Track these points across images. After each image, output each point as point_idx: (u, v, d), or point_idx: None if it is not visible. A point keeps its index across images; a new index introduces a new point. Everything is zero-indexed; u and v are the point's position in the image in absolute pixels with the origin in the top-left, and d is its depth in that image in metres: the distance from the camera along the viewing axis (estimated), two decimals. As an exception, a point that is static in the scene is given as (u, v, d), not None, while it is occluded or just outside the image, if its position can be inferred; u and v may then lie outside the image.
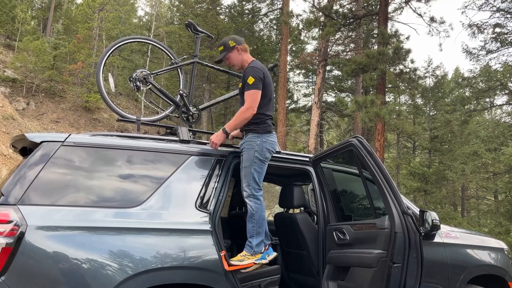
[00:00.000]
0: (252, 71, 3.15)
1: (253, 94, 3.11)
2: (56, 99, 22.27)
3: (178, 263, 2.76)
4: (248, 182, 3.14)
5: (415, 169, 19.20)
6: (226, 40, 3.34)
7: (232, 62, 3.37)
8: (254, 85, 3.10)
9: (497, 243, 4.57)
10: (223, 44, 3.34)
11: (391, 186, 2.74)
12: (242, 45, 3.34)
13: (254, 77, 3.11)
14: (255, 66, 3.20)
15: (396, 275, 2.61)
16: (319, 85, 17.40)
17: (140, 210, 2.81)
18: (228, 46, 3.31)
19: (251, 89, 3.10)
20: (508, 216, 15.52)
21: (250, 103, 3.09)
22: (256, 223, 3.13)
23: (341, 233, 3.18)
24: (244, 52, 3.36)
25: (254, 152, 3.15)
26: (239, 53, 3.33)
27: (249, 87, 3.11)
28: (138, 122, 3.44)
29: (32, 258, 2.43)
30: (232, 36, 3.41)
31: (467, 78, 16.84)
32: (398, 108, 15.87)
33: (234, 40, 3.33)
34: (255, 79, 3.10)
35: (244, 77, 3.19)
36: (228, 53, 3.33)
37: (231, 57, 3.34)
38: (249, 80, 3.11)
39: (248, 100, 3.10)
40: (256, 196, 3.13)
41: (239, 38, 3.39)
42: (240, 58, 3.34)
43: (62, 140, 2.80)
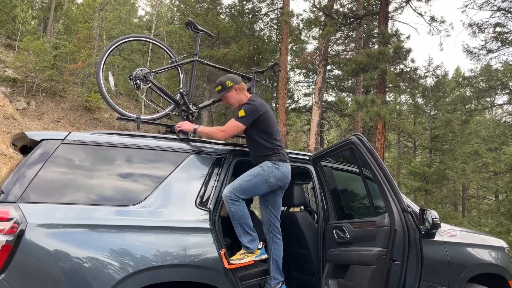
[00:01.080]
0: (247, 107, 3.23)
1: (235, 125, 3.23)
2: (56, 99, 22.28)
3: (178, 261, 2.77)
4: (233, 185, 3.14)
5: (416, 169, 19.19)
6: (223, 80, 3.39)
7: (230, 101, 3.42)
8: (241, 118, 3.21)
9: (497, 241, 4.56)
10: (221, 84, 3.38)
11: (391, 184, 2.74)
12: (239, 84, 3.39)
13: (245, 112, 3.20)
14: (252, 103, 3.28)
15: (396, 272, 2.61)
16: (320, 84, 17.39)
17: (140, 208, 2.81)
18: (225, 86, 3.36)
19: (237, 121, 3.21)
20: (509, 216, 15.50)
21: (227, 129, 3.23)
22: (238, 223, 3.20)
23: (341, 231, 3.18)
24: (241, 91, 3.41)
25: (260, 170, 3.22)
26: (236, 93, 3.38)
27: (236, 118, 3.23)
28: (138, 121, 3.44)
29: (32, 256, 2.43)
30: (229, 75, 3.45)
31: (467, 78, 16.82)
32: (398, 108, 15.87)
33: (232, 80, 3.38)
34: (246, 115, 3.20)
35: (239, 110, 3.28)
36: (226, 93, 3.37)
37: (229, 96, 3.39)
38: (240, 112, 3.21)
39: (228, 126, 3.24)
40: (232, 197, 3.12)
41: (237, 77, 3.44)
42: (238, 97, 3.39)
43: (62, 138, 2.80)
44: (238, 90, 3.38)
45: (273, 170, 3.22)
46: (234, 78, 3.41)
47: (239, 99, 3.39)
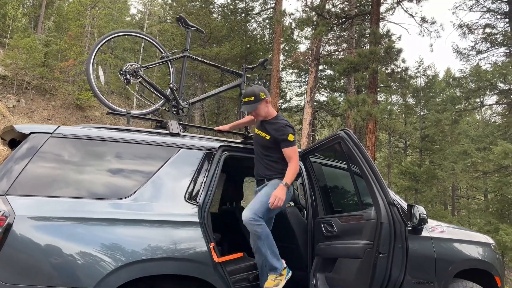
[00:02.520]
0: (290, 130, 3.27)
1: (296, 150, 3.27)
2: (47, 97, 22.10)
3: (167, 255, 2.78)
4: (254, 208, 3.17)
5: (406, 168, 19.35)
6: (256, 91, 3.34)
7: (259, 113, 3.38)
8: (294, 141, 3.27)
9: (484, 238, 4.63)
10: (254, 94, 3.32)
11: (377, 177, 2.78)
12: (269, 97, 3.40)
13: (293, 134, 3.26)
14: (290, 124, 3.33)
15: (382, 265, 2.65)
16: (312, 84, 17.45)
17: (129, 202, 2.82)
18: (258, 97, 3.31)
19: (294, 145, 3.25)
20: (498, 215, 15.70)
21: (297, 157, 3.24)
22: (266, 245, 3.17)
23: (329, 226, 3.21)
24: (270, 105, 3.41)
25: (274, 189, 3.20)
26: (266, 106, 3.36)
27: (291, 143, 3.24)
28: (128, 115, 3.44)
29: (20, 249, 2.43)
30: (260, 87, 3.41)
31: (457, 78, 16.99)
32: (389, 108, 15.97)
33: (264, 93, 3.35)
34: (294, 136, 3.27)
35: (280, 132, 3.25)
36: (258, 105, 3.33)
37: (260, 108, 3.35)
38: (290, 137, 3.23)
39: (295, 156, 3.23)
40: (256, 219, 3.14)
41: (266, 90, 3.42)
42: (266, 110, 3.37)
43: (51, 132, 2.80)
44: (268, 103, 3.37)
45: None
46: (265, 90, 3.39)
47: (267, 111, 3.38)
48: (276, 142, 3.27)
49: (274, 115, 3.40)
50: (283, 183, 3.14)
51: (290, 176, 3.19)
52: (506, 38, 15.44)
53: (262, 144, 3.40)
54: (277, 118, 3.36)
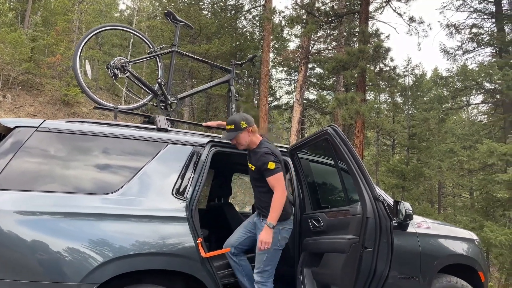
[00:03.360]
0: (270, 158, 3.11)
1: (279, 177, 3.10)
2: (33, 92, 21.80)
3: (154, 250, 2.78)
4: (260, 268, 3.16)
5: (394, 166, 19.53)
6: (237, 119, 3.24)
7: (240, 142, 3.27)
8: (277, 168, 3.09)
9: (468, 234, 4.70)
10: (234, 123, 3.23)
11: (363, 173, 2.81)
12: (252, 126, 3.26)
13: (274, 162, 3.09)
14: (270, 151, 3.16)
15: (367, 259, 2.68)
16: (301, 82, 17.50)
17: (116, 197, 2.81)
18: (239, 126, 3.21)
19: (276, 173, 3.08)
20: (482, 212, 15.95)
21: (281, 186, 3.07)
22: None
23: (316, 221, 3.24)
24: (253, 134, 3.28)
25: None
26: (248, 135, 3.25)
27: (273, 172, 3.08)
28: (115, 110, 3.42)
29: (5, 243, 2.41)
30: (243, 115, 3.31)
31: (444, 78, 17.21)
32: (378, 106, 16.12)
33: (246, 121, 3.23)
34: (275, 163, 3.10)
35: (260, 162, 3.14)
36: (238, 133, 3.23)
37: (241, 137, 3.25)
38: (270, 165, 3.08)
39: (277, 184, 3.08)
40: (264, 283, 3.15)
41: (250, 118, 3.29)
42: (249, 139, 3.26)
43: (36, 126, 2.77)
44: (250, 132, 3.25)
45: (280, 234, 3.15)
46: (248, 118, 3.26)
47: (249, 140, 3.27)
48: (260, 172, 3.17)
49: (257, 143, 3.28)
50: (268, 224, 3.03)
51: (273, 214, 3.04)
52: (492, 38, 15.68)
53: (251, 176, 3.36)
54: (260, 147, 3.24)
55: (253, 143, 3.27)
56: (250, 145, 3.28)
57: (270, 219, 3.02)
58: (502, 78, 13.67)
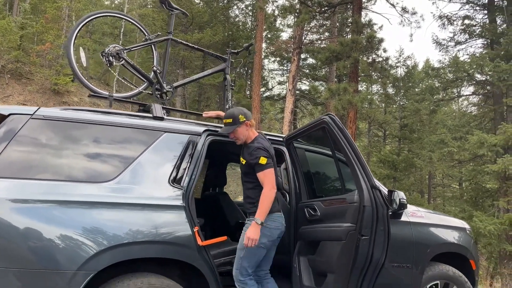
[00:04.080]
0: (262, 152, 3.06)
1: (269, 173, 3.04)
2: (23, 81, 21.47)
3: (151, 238, 2.78)
4: (237, 265, 3.10)
5: (385, 157, 19.69)
6: (236, 113, 3.19)
7: (237, 136, 3.23)
8: (268, 164, 3.04)
9: (460, 223, 4.78)
10: (232, 116, 3.18)
11: (361, 161, 2.83)
12: (250, 120, 3.22)
13: (265, 157, 3.04)
14: (262, 147, 3.10)
15: (364, 247, 2.71)
16: (294, 72, 17.46)
17: (113, 185, 2.80)
18: (237, 120, 3.16)
19: (266, 169, 3.03)
20: (472, 202, 16.19)
21: (271, 183, 3.01)
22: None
23: (312, 210, 3.26)
24: (251, 128, 3.24)
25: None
26: (246, 129, 3.21)
27: (263, 167, 3.03)
28: (110, 98, 3.39)
29: (1, 232, 2.39)
30: (241, 109, 3.27)
31: (436, 69, 17.30)
32: (370, 97, 16.15)
33: (244, 115, 3.19)
34: (267, 158, 3.04)
35: (252, 157, 3.08)
36: (236, 127, 3.18)
37: (239, 131, 3.20)
38: (261, 160, 3.02)
39: (266, 180, 3.02)
40: (242, 280, 3.08)
41: (248, 112, 3.25)
42: (246, 133, 3.22)
43: (31, 113, 2.74)
44: (248, 126, 3.21)
45: (263, 231, 3.02)
46: (246, 113, 3.22)
47: (247, 135, 3.23)
48: (250, 167, 3.12)
49: (253, 138, 3.24)
50: (255, 220, 2.95)
51: (261, 209, 2.96)
52: (484, 30, 15.76)
53: (241, 170, 3.29)
54: (253, 141, 3.19)
55: (249, 138, 3.23)
56: (246, 140, 3.24)
57: (258, 214, 2.95)
58: (493, 69, 13.77)
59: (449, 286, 4.28)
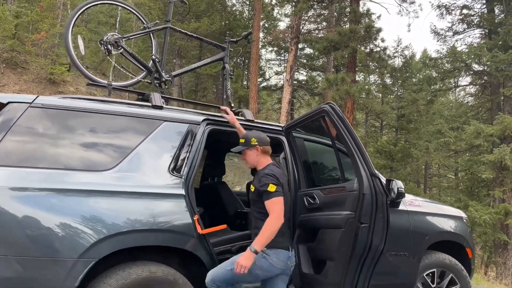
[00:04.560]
0: (271, 179, 2.84)
1: (278, 202, 2.79)
2: (18, 70, 21.29)
3: (151, 226, 2.80)
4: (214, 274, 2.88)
5: (382, 147, 19.75)
6: (250, 135, 3.07)
7: (246, 159, 3.10)
8: (276, 192, 2.80)
9: (457, 212, 4.82)
10: (246, 137, 3.07)
11: (361, 150, 2.84)
12: (263, 147, 3.03)
13: (274, 184, 2.81)
14: (272, 173, 2.88)
15: (363, 234, 2.73)
16: (291, 62, 17.39)
17: (113, 173, 2.80)
18: (249, 142, 3.03)
19: (275, 197, 2.79)
20: (467, 192, 16.32)
21: (277, 212, 2.76)
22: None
23: (311, 198, 3.27)
24: (263, 154, 3.04)
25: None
26: (257, 154, 3.03)
27: (271, 195, 2.79)
28: (109, 87, 3.37)
29: (2, 220, 2.39)
30: (258, 133, 3.13)
31: (434, 59, 17.28)
32: (367, 87, 16.13)
33: (258, 139, 3.03)
34: (276, 186, 2.81)
35: (260, 183, 2.88)
36: (246, 150, 3.05)
37: (248, 154, 3.06)
38: (270, 188, 2.79)
39: (274, 209, 2.77)
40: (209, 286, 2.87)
41: (264, 138, 3.08)
42: (256, 159, 3.04)
43: (30, 102, 2.73)
44: (259, 152, 3.02)
45: (260, 259, 2.79)
46: (261, 138, 3.06)
47: (257, 160, 3.05)
48: (259, 194, 2.90)
49: (265, 165, 3.03)
50: (250, 247, 2.72)
51: (260, 238, 2.71)
52: (482, 20, 15.72)
53: (250, 198, 3.08)
54: (265, 168, 2.99)
55: (261, 164, 3.04)
56: (258, 166, 3.06)
57: (255, 242, 2.72)
58: (491, 60, 13.78)
59: (446, 274, 4.34)
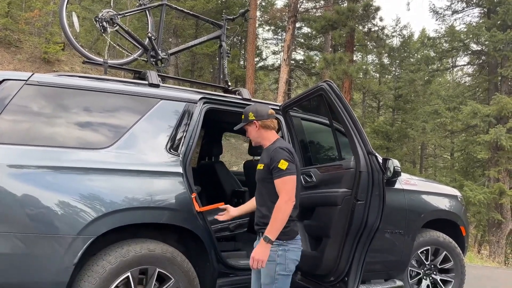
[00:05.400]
0: (282, 154, 2.52)
1: (289, 181, 2.48)
2: (12, 50, 20.99)
3: (149, 204, 2.82)
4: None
5: (379, 128, 19.81)
6: (248, 110, 2.76)
7: (249, 136, 2.81)
8: (288, 170, 2.47)
9: (452, 190, 4.87)
10: (244, 113, 2.77)
11: (358, 128, 2.84)
12: (262, 121, 2.69)
13: (287, 161, 2.49)
14: (286, 148, 2.57)
15: (359, 211, 2.76)
16: (289, 42, 17.21)
17: (110, 151, 2.80)
18: (247, 117, 2.73)
19: (286, 175, 2.46)
20: (463, 172, 16.46)
21: (288, 193, 2.46)
22: None
23: (308, 176, 3.29)
24: (265, 130, 2.70)
25: (276, 266, 2.50)
26: (256, 130, 2.71)
27: (282, 173, 2.47)
28: (105, 65, 3.34)
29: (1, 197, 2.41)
30: (256, 106, 2.79)
31: (432, 38, 17.16)
32: (365, 67, 16.05)
33: (255, 113, 2.70)
34: (289, 163, 2.49)
35: (270, 159, 2.56)
36: (245, 125, 2.77)
37: (249, 130, 2.77)
38: (281, 164, 2.47)
39: (284, 189, 2.46)
40: None
41: (264, 111, 2.72)
42: (257, 135, 2.73)
43: (25, 79, 2.71)
44: (258, 127, 2.70)
45: (287, 255, 2.53)
46: (258, 111, 2.72)
47: (259, 136, 2.73)
48: (268, 171, 2.57)
49: (272, 141, 2.70)
50: (264, 237, 2.45)
51: (273, 225, 2.43)
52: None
53: (256, 177, 2.74)
54: (274, 143, 2.67)
55: (267, 140, 2.71)
56: (263, 143, 2.74)
57: (268, 231, 2.43)
58: (489, 39, 13.69)
59: (440, 252, 4.42)
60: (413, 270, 4.34)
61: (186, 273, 2.90)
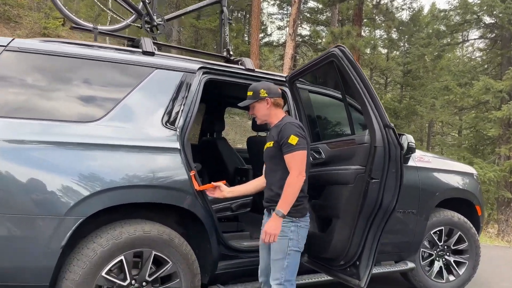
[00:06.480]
0: (292, 129, 2.49)
1: (300, 155, 2.46)
2: (11, 25, 20.62)
3: (144, 182, 2.60)
4: (281, 275, 2.54)
5: (387, 104, 19.41)
6: (259, 86, 2.67)
7: (256, 114, 2.71)
8: (298, 145, 2.45)
9: (467, 168, 4.64)
10: (253, 89, 2.67)
11: (373, 98, 2.56)
12: (274, 99, 2.65)
13: (297, 136, 2.46)
14: (296, 123, 2.56)
15: (373, 191, 2.51)
16: (294, 15, 16.66)
17: (99, 125, 2.57)
18: (257, 94, 2.64)
19: (296, 150, 2.44)
20: (472, 150, 16.14)
21: (299, 168, 2.43)
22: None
23: (317, 153, 3.03)
24: (275, 107, 2.67)
25: (288, 242, 2.50)
26: (267, 107, 2.65)
27: (293, 148, 2.44)
28: (95, 31, 3.08)
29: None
30: (267, 84, 2.71)
31: (444, 11, 16.53)
32: (373, 42, 15.53)
33: (268, 91, 2.64)
34: (299, 138, 2.46)
35: (279, 134, 2.52)
36: (255, 103, 2.67)
37: (257, 107, 2.67)
38: (291, 139, 2.44)
39: (295, 164, 2.44)
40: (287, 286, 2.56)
41: (275, 88, 2.69)
42: (267, 112, 2.67)
43: (4, 45, 2.45)
44: (270, 104, 2.64)
45: (299, 231, 2.53)
46: (271, 88, 2.67)
47: (268, 114, 2.67)
48: (278, 148, 2.54)
49: (280, 118, 2.67)
50: (276, 212, 2.44)
51: (284, 199, 2.43)
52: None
53: (265, 155, 2.71)
54: (282, 120, 2.64)
55: (275, 117, 2.68)
56: (270, 120, 2.69)
57: (280, 205, 2.43)
58: (504, 11, 13.15)
59: (454, 232, 4.22)
60: (425, 251, 4.15)
61: (184, 256, 2.70)
